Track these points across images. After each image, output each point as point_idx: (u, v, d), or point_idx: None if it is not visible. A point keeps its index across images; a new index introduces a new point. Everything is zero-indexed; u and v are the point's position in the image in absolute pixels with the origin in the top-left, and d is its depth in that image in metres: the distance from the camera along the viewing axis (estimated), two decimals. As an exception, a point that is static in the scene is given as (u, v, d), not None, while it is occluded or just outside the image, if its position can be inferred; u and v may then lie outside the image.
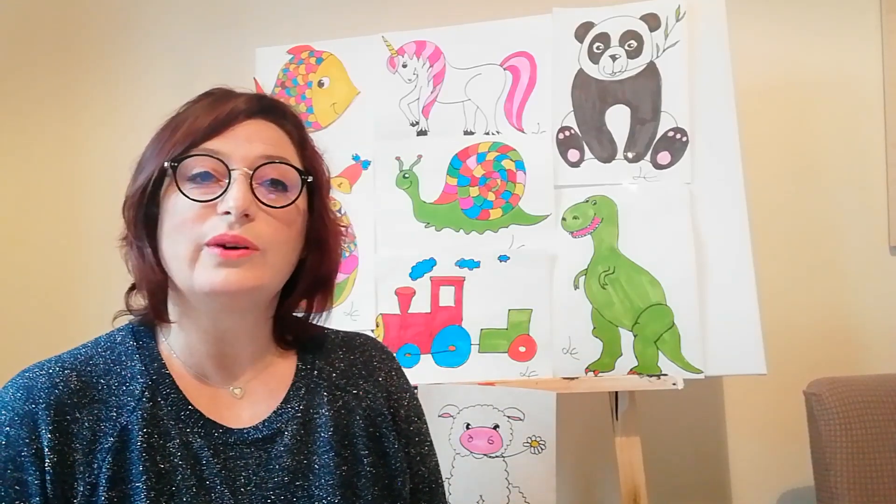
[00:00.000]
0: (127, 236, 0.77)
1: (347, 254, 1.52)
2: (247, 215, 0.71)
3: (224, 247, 0.70)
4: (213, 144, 0.73)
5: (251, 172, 0.73)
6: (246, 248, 0.71)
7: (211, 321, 0.76)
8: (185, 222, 0.72)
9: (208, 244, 0.71)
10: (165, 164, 0.72)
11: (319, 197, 0.81)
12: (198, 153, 0.73)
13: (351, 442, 0.80)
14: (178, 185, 0.72)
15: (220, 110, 0.75)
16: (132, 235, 0.75)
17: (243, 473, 0.74)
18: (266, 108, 0.78)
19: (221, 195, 0.71)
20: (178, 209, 0.72)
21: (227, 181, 0.72)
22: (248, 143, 0.74)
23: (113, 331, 0.80)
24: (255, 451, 0.75)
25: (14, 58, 1.98)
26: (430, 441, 0.89)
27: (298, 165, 0.78)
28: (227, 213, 0.71)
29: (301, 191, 0.76)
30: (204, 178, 0.73)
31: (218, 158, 0.72)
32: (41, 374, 0.72)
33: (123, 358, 0.76)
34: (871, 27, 1.71)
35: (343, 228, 0.87)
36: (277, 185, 0.75)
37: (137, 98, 1.94)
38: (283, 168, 0.76)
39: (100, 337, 0.79)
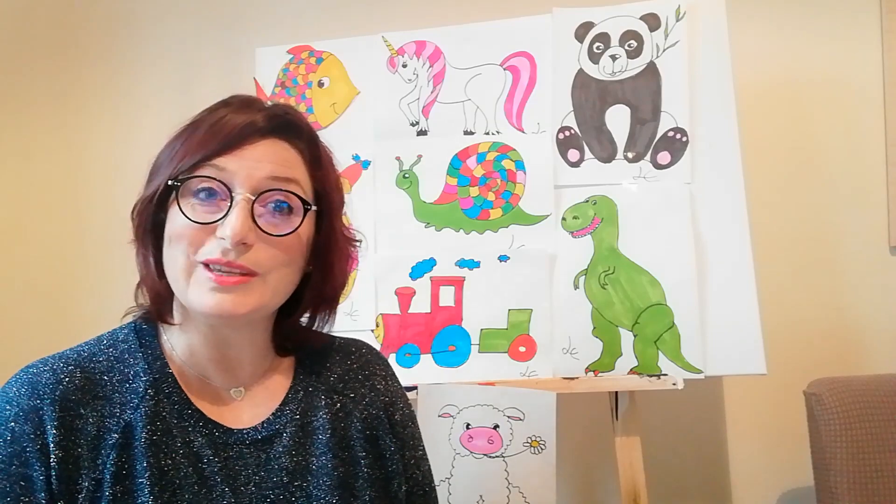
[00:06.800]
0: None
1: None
2: (244, 243, 0.70)
3: (220, 271, 0.70)
4: (221, 161, 0.72)
5: (253, 198, 0.71)
6: (242, 273, 0.71)
7: (210, 328, 0.76)
8: (183, 238, 0.71)
9: (203, 264, 0.70)
10: (169, 182, 0.72)
11: (328, 217, 0.79)
12: (202, 174, 0.72)
13: (348, 444, 0.80)
14: (179, 205, 0.71)
15: (233, 125, 0.73)
16: (138, 242, 0.76)
17: (243, 473, 0.74)
18: (281, 126, 0.76)
19: (222, 218, 0.71)
20: (178, 224, 0.72)
21: (229, 203, 0.71)
22: (256, 163, 0.72)
23: (115, 329, 0.80)
24: (254, 451, 0.76)
25: (14, 58, 1.98)
26: (423, 446, 0.90)
27: (308, 187, 0.77)
28: (224, 238, 0.70)
29: (304, 219, 0.75)
30: (209, 194, 0.72)
31: (220, 181, 0.71)
32: (46, 370, 0.72)
33: (126, 356, 0.76)
34: (871, 27, 1.71)
35: (357, 242, 0.85)
36: (284, 206, 0.74)
37: (138, 98, 1.94)
38: (289, 193, 0.74)
39: (102, 334, 0.79)
